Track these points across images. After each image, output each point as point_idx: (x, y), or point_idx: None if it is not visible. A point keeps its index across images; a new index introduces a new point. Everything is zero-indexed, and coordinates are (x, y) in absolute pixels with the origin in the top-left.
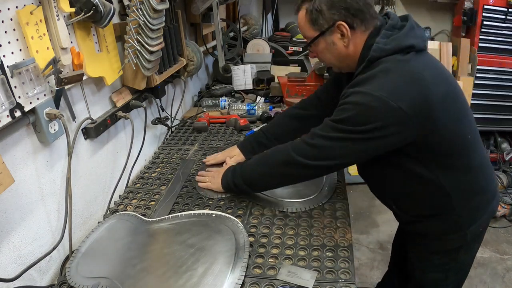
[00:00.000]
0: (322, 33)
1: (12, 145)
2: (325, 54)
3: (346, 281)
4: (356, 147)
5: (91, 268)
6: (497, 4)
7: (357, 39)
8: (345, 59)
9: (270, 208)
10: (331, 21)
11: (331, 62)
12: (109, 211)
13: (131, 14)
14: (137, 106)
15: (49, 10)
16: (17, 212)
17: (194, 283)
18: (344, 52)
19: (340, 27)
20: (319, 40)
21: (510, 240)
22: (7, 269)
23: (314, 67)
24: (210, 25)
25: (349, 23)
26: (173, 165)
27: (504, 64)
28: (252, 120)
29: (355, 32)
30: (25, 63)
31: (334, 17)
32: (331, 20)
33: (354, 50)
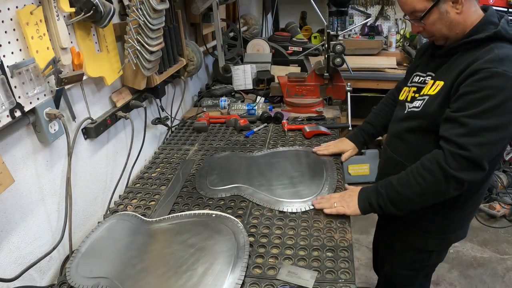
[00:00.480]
0: (436, 2)
1: (12, 145)
2: (436, 25)
3: (346, 281)
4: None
5: (91, 268)
6: (497, 4)
7: (468, 7)
8: (456, 27)
9: (270, 208)
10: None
11: (441, 32)
12: (109, 211)
13: (131, 14)
14: (137, 106)
15: (49, 10)
16: (17, 212)
17: (194, 283)
18: (456, 19)
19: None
20: (432, 11)
21: (510, 240)
22: (7, 269)
23: (314, 67)
24: (210, 25)
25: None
26: (173, 165)
27: None
28: (252, 120)
29: (465, 1)
30: (25, 63)
31: None
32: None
33: (465, 18)
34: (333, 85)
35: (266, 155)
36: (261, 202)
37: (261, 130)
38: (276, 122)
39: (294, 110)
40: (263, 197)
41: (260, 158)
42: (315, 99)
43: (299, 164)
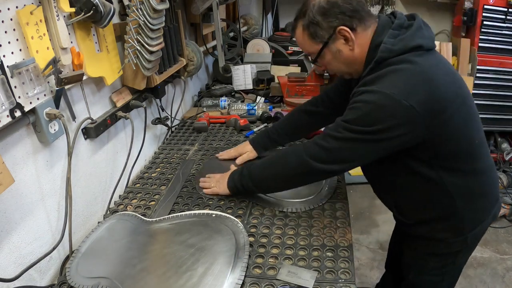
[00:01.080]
0: (325, 44)
1: (12, 145)
2: (333, 64)
3: (346, 281)
4: (368, 147)
5: (91, 268)
6: (497, 4)
7: (361, 39)
8: (354, 63)
9: (270, 208)
10: (331, 29)
11: (340, 70)
12: (109, 211)
13: (131, 14)
14: (137, 106)
15: (49, 10)
16: (17, 212)
17: (194, 283)
18: (351, 56)
19: (341, 32)
20: (324, 52)
21: (510, 240)
22: (7, 269)
23: (314, 67)
24: (210, 25)
25: (349, 25)
26: (173, 165)
27: (504, 64)
28: (252, 120)
29: (357, 33)
30: (25, 63)
31: (333, 24)
32: (331, 28)
33: (361, 51)
34: None
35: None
36: (261, 202)
37: (261, 130)
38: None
39: None
40: (263, 197)
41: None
42: None
43: None
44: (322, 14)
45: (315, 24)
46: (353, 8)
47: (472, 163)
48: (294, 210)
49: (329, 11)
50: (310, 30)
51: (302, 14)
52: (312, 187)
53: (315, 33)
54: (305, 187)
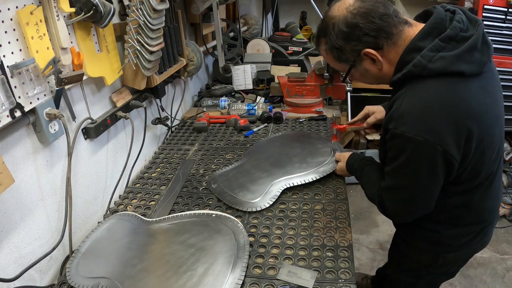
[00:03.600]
0: (351, 66)
1: (12, 145)
2: (363, 80)
3: (346, 281)
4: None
5: (91, 268)
6: (497, 4)
7: (390, 55)
8: (385, 77)
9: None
10: (355, 53)
11: (372, 83)
12: (109, 211)
13: (131, 14)
14: (137, 106)
15: (49, 10)
16: (17, 212)
17: (194, 283)
18: (380, 73)
19: (367, 54)
20: (352, 71)
21: (510, 240)
22: (7, 269)
23: (314, 67)
24: (210, 25)
25: (375, 46)
26: (173, 165)
27: (504, 64)
28: (252, 120)
29: (384, 51)
30: (25, 63)
31: (357, 47)
32: (355, 52)
33: (391, 66)
34: (333, 85)
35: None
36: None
37: (261, 130)
38: (276, 122)
39: (294, 110)
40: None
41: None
42: (315, 99)
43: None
44: (343, 39)
45: (337, 49)
46: (376, 27)
47: (472, 198)
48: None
49: (350, 35)
50: (333, 53)
51: (323, 34)
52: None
53: (339, 56)
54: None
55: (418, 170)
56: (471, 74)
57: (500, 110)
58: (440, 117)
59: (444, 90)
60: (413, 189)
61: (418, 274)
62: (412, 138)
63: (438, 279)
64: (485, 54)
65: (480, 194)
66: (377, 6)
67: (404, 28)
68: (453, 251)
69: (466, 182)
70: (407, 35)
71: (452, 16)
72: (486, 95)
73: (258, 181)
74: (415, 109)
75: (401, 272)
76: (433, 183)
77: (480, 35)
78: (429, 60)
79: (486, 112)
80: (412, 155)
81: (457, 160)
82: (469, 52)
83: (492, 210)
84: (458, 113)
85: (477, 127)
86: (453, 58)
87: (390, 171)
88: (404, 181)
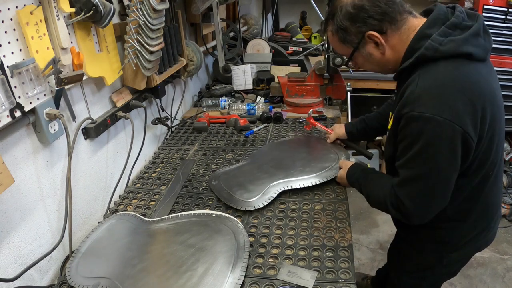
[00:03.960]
0: (355, 48)
1: (12, 145)
2: (366, 65)
3: (346, 281)
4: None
5: (91, 268)
6: (497, 4)
7: (394, 41)
8: (387, 64)
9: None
10: (359, 35)
11: (374, 70)
12: (109, 211)
13: (131, 14)
14: (137, 106)
15: (49, 10)
16: (17, 212)
17: (194, 283)
18: (383, 59)
19: (371, 37)
20: (355, 55)
21: (510, 240)
22: (7, 269)
23: (314, 67)
24: (210, 25)
25: (378, 29)
26: (173, 165)
27: (504, 64)
28: (252, 120)
29: (387, 36)
30: (25, 63)
31: (361, 29)
32: (359, 33)
33: (394, 52)
34: (333, 85)
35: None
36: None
37: (261, 130)
38: (276, 122)
39: (294, 110)
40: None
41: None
42: (315, 99)
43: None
44: (349, 19)
45: (343, 30)
46: (381, 10)
47: (475, 195)
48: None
49: (356, 16)
50: (339, 35)
51: (331, 17)
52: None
53: (344, 38)
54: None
55: (438, 154)
56: (478, 58)
57: (501, 101)
58: (457, 96)
59: (457, 70)
60: (433, 177)
61: (422, 276)
62: (431, 119)
63: (441, 279)
64: (487, 42)
65: (487, 187)
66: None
67: (408, 17)
68: (458, 250)
69: (474, 173)
70: (412, 24)
71: (453, 10)
72: (493, 80)
73: (257, 182)
74: (432, 89)
75: (404, 274)
76: (453, 169)
77: (481, 24)
78: (439, 44)
79: (494, 94)
80: (431, 137)
81: (474, 142)
82: (474, 37)
83: (496, 205)
84: (473, 93)
85: (489, 108)
86: (461, 41)
87: (406, 162)
88: (423, 168)
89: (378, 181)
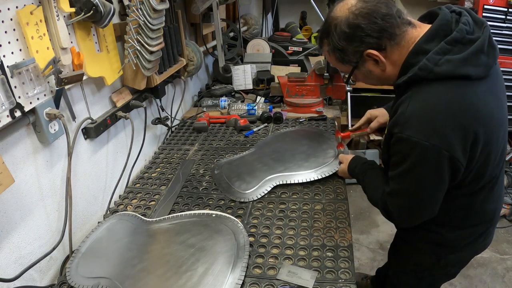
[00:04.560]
0: (354, 67)
1: (12, 145)
2: (366, 81)
3: (346, 281)
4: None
5: (91, 268)
6: (497, 4)
7: (394, 56)
8: (387, 79)
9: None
10: (358, 54)
11: (376, 84)
12: (109, 211)
13: (131, 14)
14: (137, 106)
15: (49, 10)
16: (17, 212)
17: (194, 283)
18: (384, 75)
19: (370, 55)
20: (355, 72)
21: (510, 240)
22: (7, 269)
23: (314, 67)
24: (210, 25)
25: (377, 47)
26: (173, 165)
27: (504, 64)
28: (252, 120)
29: (387, 52)
30: (25, 63)
31: (359, 49)
32: (357, 53)
33: (394, 68)
34: (333, 85)
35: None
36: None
37: (261, 130)
38: (276, 122)
39: (294, 110)
40: None
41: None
42: (315, 99)
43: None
44: (345, 40)
45: (340, 50)
46: (379, 27)
47: (473, 203)
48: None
49: (353, 36)
50: (336, 55)
51: (325, 34)
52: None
53: (342, 58)
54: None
55: (424, 176)
56: (478, 78)
57: (504, 112)
58: (447, 121)
59: (451, 94)
60: (418, 195)
61: (420, 276)
62: (418, 143)
63: (439, 280)
64: (491, 57)
65: (483, 196)
66: (379, 7)
67: (407, 29)
68: (455, 253)
69: (469, 185)
70: (411, 37)
71: (458, 18)
72: (492, 98)
73: (255, 173)
74: (421, 113)
75: (403, 274)
76: (439, 189)
77: (486, 37)
78: (435, 64)
79: (491, 115)
80: (417, 160)
81: (463, 165)
82: (476, 55)
83: (495, 211)
84: (465, 118)
85: (483, 131)
86: (459, 62)
87: (395, 176)
88: (409, 186)
89: (373, 180)
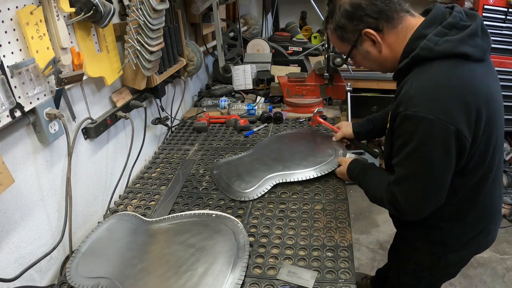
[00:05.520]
0: (353, 46)
1: (12, 145)
2: (364, 63)
3: (346, 281)
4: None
5: (91, 268)
6: (497, 4)
7: (391, 39)
8: (384, 62)
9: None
10: (356, 32)
11: (373, 68)
12: (109, 211)
13: (131, 14)
14: (137, 106)
15: (49, 10)
16: (17, 212)
17: (194, 283)
18: (380, 57)
19: (367, 34)
20: (354, 52)
21: (510, 240)
22: (7, 269)
23: (314, 67)
24: (210, 25)
25: (375, 27)
26: (173, 165)
27: (504, 64)
28: (252, 120)
29: (384, 34)
30: (25, 63)
31: (358, 27)
32: (356, 31)
33: (390, 51)
34: (333, 85)
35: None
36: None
37: (261, 130)
38: (276, 122)
39: (294, 110)
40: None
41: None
42: (315, 99)
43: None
44: (347, 18)
45: (341, 28)
46: (378, 9)
47: (475, 196)
48: (307, 177)
49: (353, 14)
50: (337, 33)
51: (330, 15)
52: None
53: (342, 36)
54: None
55: (432, 153)
56: (475, 59)
57: (501, 102)
58: (451, 96)
59: (452, 70)
60: (427, 175)
61: (420, 276)
62: (424, 118)
63: (439, 280)
64: (485, 42)
65: (485, 188)
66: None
67: (405, 15)
68: (456, 251)
69: (471, 173)
70: (409, 24)
71: (451, 11)
72: (490, 81)
73: (254, 173)
74: (425, 89)
75: (403, 274)
76: (447, 168)
77: (479, 24)
78: (435, 43)
79: (491, 96)
80: (424, 136)
81: (468, 141)
82: (471, 37)
83: (495, 208)
84: (468, 94)
85: (484, 109)
86: (458, 41)
87: (401, 160)
88: (417, 167)
89: (376, 176)
